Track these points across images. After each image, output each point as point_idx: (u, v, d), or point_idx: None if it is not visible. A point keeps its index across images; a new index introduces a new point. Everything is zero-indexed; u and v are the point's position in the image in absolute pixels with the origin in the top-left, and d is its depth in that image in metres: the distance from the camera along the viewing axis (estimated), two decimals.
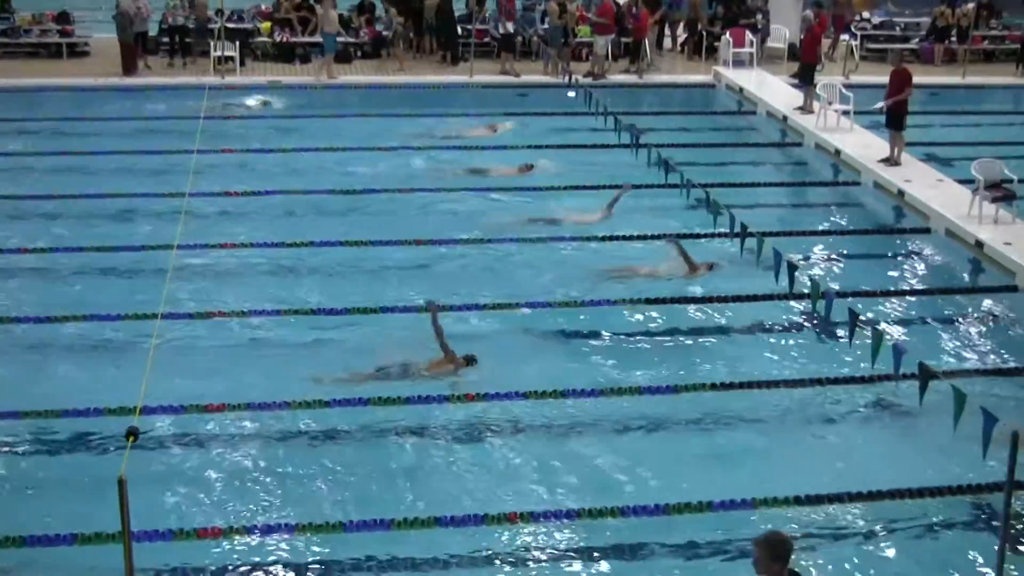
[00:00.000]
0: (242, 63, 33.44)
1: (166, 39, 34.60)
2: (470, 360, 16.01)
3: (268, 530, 12.51)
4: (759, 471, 14.03)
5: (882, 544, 12.79)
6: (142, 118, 28.94)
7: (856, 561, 12.47)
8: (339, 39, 34.04)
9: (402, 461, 14.06)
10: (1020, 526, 12.96)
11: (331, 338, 17.15)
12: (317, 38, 34.70)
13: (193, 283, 18.80)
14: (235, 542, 12.33)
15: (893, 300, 19.18)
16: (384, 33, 35.64)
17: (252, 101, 31.26)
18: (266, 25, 35.41)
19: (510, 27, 34.19)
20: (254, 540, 12.38)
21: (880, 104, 25.19)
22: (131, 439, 9.07)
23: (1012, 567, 12.09)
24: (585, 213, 22.27)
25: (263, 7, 37.02)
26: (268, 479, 13.63)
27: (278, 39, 34.92)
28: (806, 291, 15.98)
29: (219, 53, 32.64)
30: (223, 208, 22.44)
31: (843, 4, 37.06)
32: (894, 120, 24.98)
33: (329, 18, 32.75)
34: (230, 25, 34.24)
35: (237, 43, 33.37)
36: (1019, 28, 38.11)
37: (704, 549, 12.49)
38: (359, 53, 35.22)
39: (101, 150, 25.90)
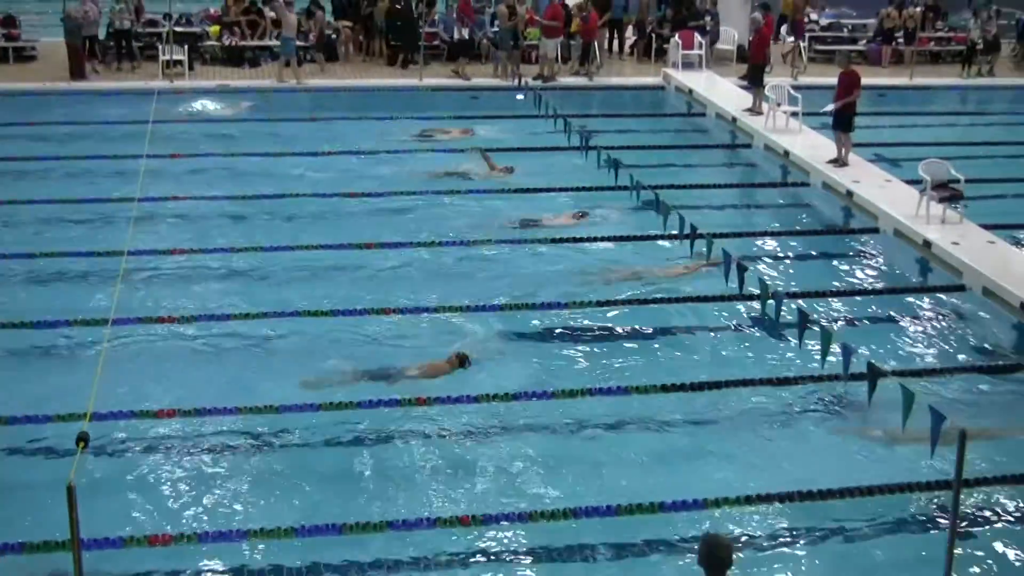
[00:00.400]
0: (191, 67, 33.25)
1: (112, 43, 34.35)
2: (463, 360, 16.12)
3: (220, 536, 12.41)
4: (709, 472, 14.08)
5: (833, 543, 12.86)
6: (91, 123, 28.68)
7: (807, 560, 12.57)
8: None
9: (355, 465, 14.02)
10: (967, 523, 13.12)
11: (282, 342, 17.12)
12: (266, 42, 34.62)
13: (144, 288, 18.72)
14: (186, 548, 12.23)
15: (842, 300, 19.31)
16: (332, 37, 35.59)
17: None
18: (215, 29, 35.28)
19: (465, 32, 34.16)
20: (206, 547, 12.29)
21: (830, 107, 25.31)
22: (81, 445, 9.00)
23: (962, 563, 12.22)
24: (559, 215, 22.48)
25: (211, 11, 36.86)
26: (220, 485, 13.57)
27: (227, 43, 34.77)
28: (756, 292, 16.05)
29: (167, 57, 32.47)
30: (174, 213, 22.32)
31: (800, 7, 37.21)
32: (842, 122, 25.14)
33: (288, 22, 32.61)
34: (178, 29, 34.08)
35: (186, 47, 33.19)
36: (964, 30, 38.41)
37: (655, 550, 12.54)
38: (308, 57, 35.10)
39: (49, 155, 25.72)
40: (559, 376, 16.25)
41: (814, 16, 40.04)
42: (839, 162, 25.27)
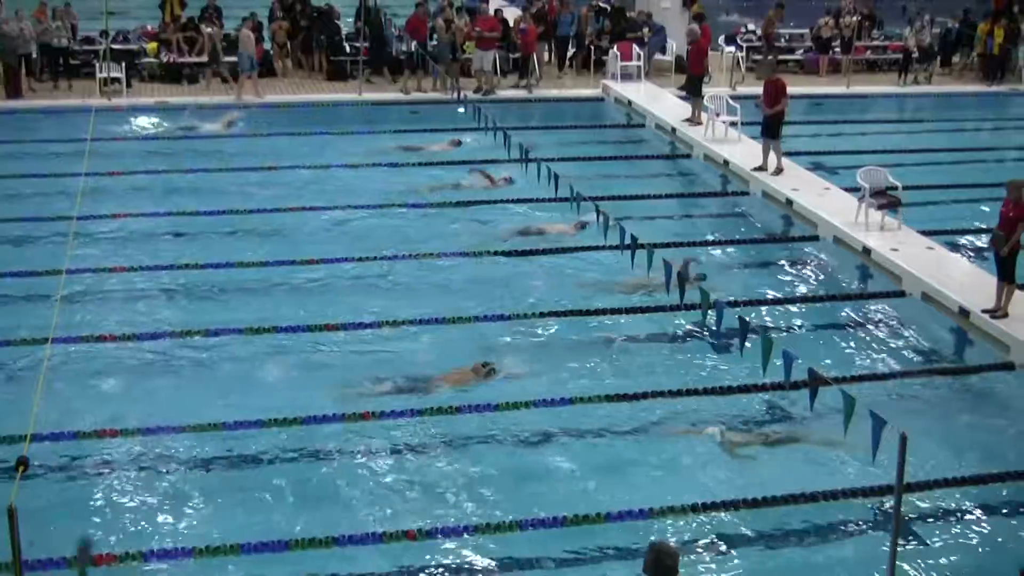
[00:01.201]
0: (128, 84, 33.03)
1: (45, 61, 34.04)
2: (489, 369, 16.41)
3: (165, 554, 12.36)
4: (654, 481, 14.12)
5: (779, 549, 12.96)
6: (28, 141, 28.37)
7: (752, 567, 12.62)
8: (227, 59, 33.89)
9: (297, 480, 13.97)
10: (911, 526, 13.24)
11: (227, 358, 17.05)
12: (204, 58, 34.46)
13: (84, 308, 18.55)
14: (131, 568, 12.16)
15: (783, 308, 19.44)
16: (269, 53, 35.50)
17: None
18: (152, 46, 35.01)
19: (413, 45, 34.09)
20: (151, 565, 12.24)
21: (770, 111, 25.37)
22: (21, 469, 8.92)
23: (904, 566, 12.32)
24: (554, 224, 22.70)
25: (149, 28, 36.61)
26: (164, 503, 13.49)
27: (165, 60, 34.55)
28: (697, 302, 16.08)
29: (105, 75, 32.24)
30: (113, 231, 22.14)
31: (771, 21, 37.39)
32: (771, 129, 25.34)
33: (243, 37, 32.49)
34: (115, 46, 33.83)
35: (123, 64, 32.96)
36: (900, 38, 38.78)
37: (602, 559, 12.55)
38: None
39: None
40: (502, 388, 16.23)
41: (751, 26, 40.27)
42: (767, 168, 25.47)
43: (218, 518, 13.23)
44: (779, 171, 25.38)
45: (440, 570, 12.41)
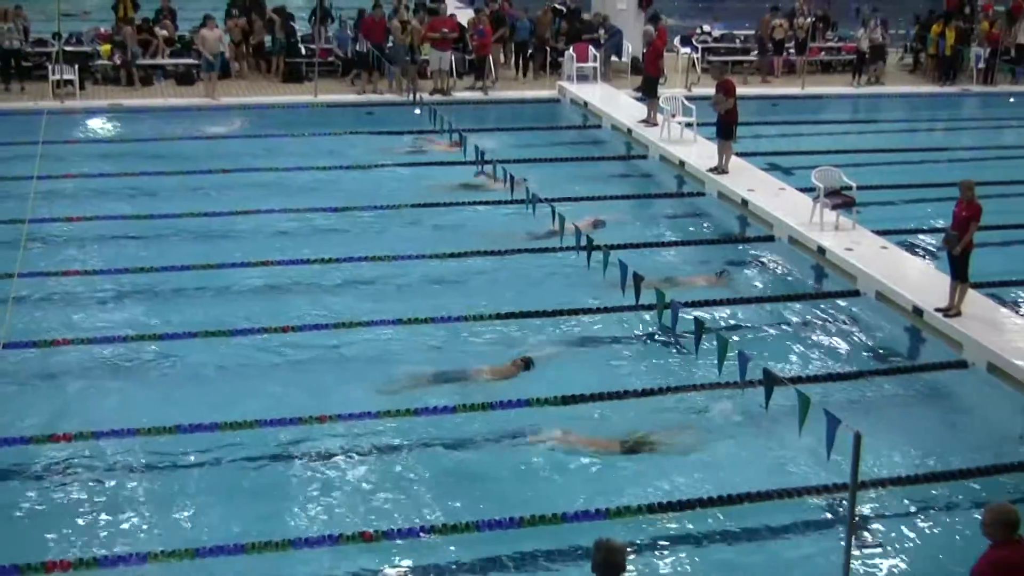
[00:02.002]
0: (82, 87, 32.80)
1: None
2: (527, 363, 16.64)
3: (119, 560, 12.26)
4: (611, 481, 14.12)
5: (734, 547, 12.99)
6: None
7: (708, 565, 12.64)
8: (183, 61, 33.73)
9: (254, 483, 13.90)
10: (867, 523, 13.31)
11: (180, 362, 16.96)
12: (158, 60, 34.29)
13: (35, 311, 18.39)
14: (86, 574, 12.06)
15: (739, 308, 19.47)
16: (225, 55, 35.37)
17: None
18: (106, 48, 34.75)
19: (365, 47, 33.98)
20: (105, 570, 12.13)
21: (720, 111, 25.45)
22: None
23: (858, 564, 12.38)
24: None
25: (102, 30, 36.38)
26: (118, 508, 13.38)
27: (118, 62, 34.31)
28: (652, 302, 16.09)
29: (58, 77, 32.00)
30: (65, 234, 21.97)
31: (767, 23, 37.63)
32: (725, 130, 25.44)
33: (201, 38, 32.43)
34: (68, 48, 33.58)
35: (76, 66, 32.73)
36: (854, 39, 39.00)
37: (559, 560, 12.54)
38: (198, 75, 34.71)
39: None
40: (456, 391, 16.17)
41: (707, 28, 40.39)
42: (718, 170, 25.58)
43: (172, 522, 13.13)
44: (722, 172, 25.52)
45: (394, 571, 12.40)
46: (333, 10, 37.16)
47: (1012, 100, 37.76)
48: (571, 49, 35.60)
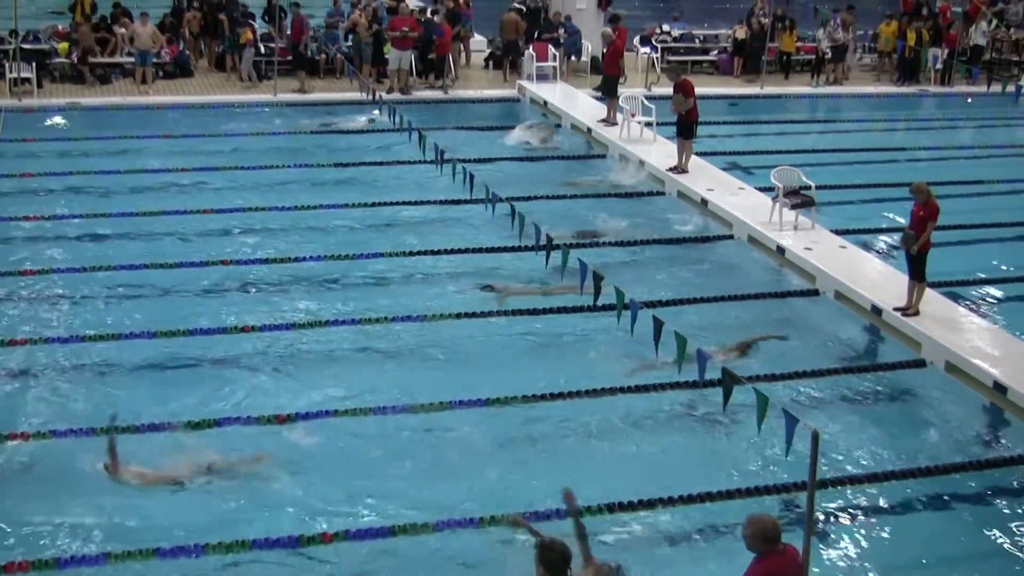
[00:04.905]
0: (39, 85, 32.54)
1: None
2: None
3: (80, 560, 12.18)
4: (570, 480, 14.05)
5: (693, 547, 13.02)
6: None
7: (667, 565, 12.65)
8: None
9: (215, 486, 13.77)
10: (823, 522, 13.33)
11: (142, 362, 16.83)
12: (117, 59, 34.10)
13: None
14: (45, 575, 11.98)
15: (698, 307, 19.44)
16: (186, 54, 35.23)
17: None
18: (63, 46, 34.48)
19: (312, 48, 33.88)
20: (65, 571, 12.04)
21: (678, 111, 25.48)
22: None
23: (817, 564, 12.39)
24: None
25: (60, 28, 36.10)
26: (77, 508, 13.23)
27: (76, 60, 34.06)
28: (612, 302, 16.07)
29: (15, 75, 31.74)
30: (24, 233, 21.79)
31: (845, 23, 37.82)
32: (685, 129, 25.47)
33: (140, 33, 32.46)
34: (26, 46, 33.31)
35: (33, 64, 32.47)
36: (813, 40, 39.16)
37: (509, 559, 12.51)
38: (161, 73, 34.53)
39: None
40: (419, 389, 16.13)
41: (666, 27, 40.43)
42: (679, 169, 25.65)
43: (133, 522, 13.04)
44: (682, 171, 25.55)
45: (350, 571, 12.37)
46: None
47: (969, 100, 37.98)
48: (531, 48, 35.59)
